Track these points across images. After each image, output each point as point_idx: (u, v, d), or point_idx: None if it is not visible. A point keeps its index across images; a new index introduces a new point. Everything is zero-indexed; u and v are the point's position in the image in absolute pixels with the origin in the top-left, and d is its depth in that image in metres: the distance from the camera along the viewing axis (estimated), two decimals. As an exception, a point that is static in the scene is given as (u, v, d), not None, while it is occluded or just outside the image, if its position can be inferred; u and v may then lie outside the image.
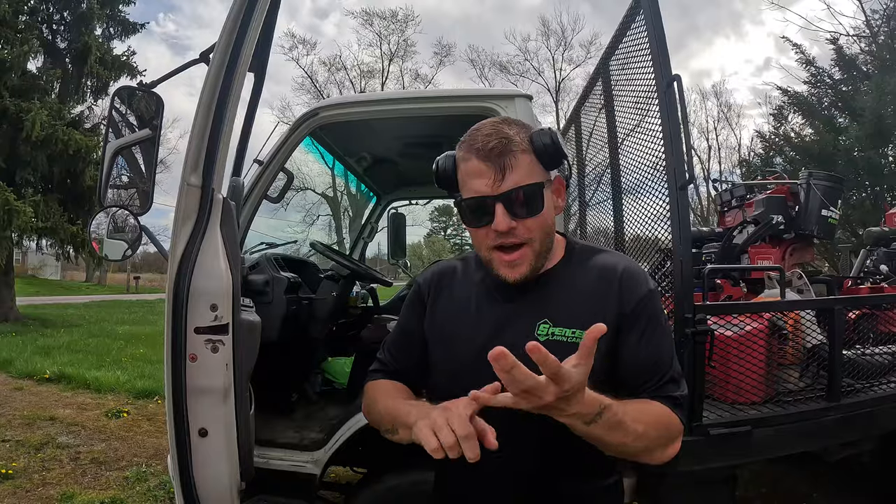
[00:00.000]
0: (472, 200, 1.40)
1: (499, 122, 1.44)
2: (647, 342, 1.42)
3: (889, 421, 3.23)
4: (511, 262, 1.41)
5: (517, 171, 1.36)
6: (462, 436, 1.11)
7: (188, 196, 2.19)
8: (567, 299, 1.45)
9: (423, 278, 1.68)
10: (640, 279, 1.46)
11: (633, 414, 1.27)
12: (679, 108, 2.55)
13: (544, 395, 1.09)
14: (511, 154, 1.36)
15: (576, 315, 1.41)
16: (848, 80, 18.16)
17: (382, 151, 4.41)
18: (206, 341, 2.18)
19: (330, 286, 3.69)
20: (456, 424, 1.12)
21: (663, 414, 1.36)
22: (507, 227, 1.36)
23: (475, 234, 1.45)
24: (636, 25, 3.02)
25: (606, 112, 3.74)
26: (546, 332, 1.41)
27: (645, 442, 1.30)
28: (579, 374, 1.09)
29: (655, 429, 1.33)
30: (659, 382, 1.41)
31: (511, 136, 1.38)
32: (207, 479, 2.27)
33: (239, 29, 2.19)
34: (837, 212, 5.05)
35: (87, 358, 10.55)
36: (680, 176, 2.53)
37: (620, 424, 1.23)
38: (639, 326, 1.42)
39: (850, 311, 3.45)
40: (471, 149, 1.39)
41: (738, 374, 2.84)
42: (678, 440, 1.40)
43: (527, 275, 1.42)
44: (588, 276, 1.48)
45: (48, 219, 14.99)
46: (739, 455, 2.74)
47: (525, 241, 1.40)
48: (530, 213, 1.39)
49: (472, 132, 1.43)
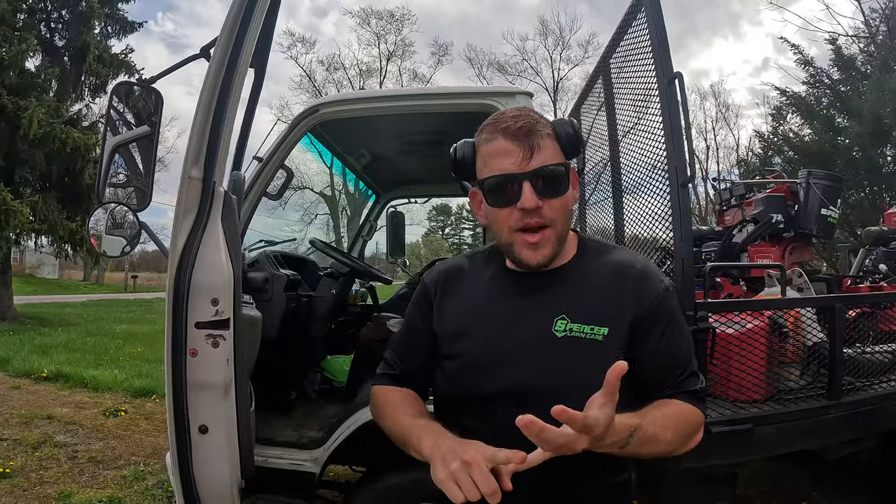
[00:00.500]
0: (498, 178, 1.39)
1: (519, 109, 1.44)
2: (667, 341, 1.43)
3: (890, 419, 3.23)
4: (534, 243, 1.39)
5: (544, 152, 1.37)
6: (488, 494, 1.13)
7: (189, 189, 2.15)
8: (583, 295, 1.44)
9: (430, 277, 1.66)
10: (655, 278, 1.46)
11: (661, 422, 1.30)
12: (680, 106, 2.55)
13: (577, 445, 1.10)
14: (538, 134, 1.37)
15: (593, 311, 1.41)
16: (846, 80, 18.20)
17: (382, 149, 4.41)
18: (206, 336, 2.15)
19: (329, 284, 3.68)
20: (480, 481, 1.14)
21: (687, 412, 1.39)
22: (534, 204, 1.35)
23: (497, 214, 1.42)
24: (637, 24, 3.02)
25: (607, 110, 3.74)
26: (564, 329, 1.40)
27: (675, 444, 1.34)
28: (606, 415, 1.09)
29: (684, 429, 1.36)
30: (680, 378, 1.42)
31: (537, 119, 1.40)
32: (208, 477, 2.24)
33: (240, 25, 2.17)
34: (837, 211, 5.06)
35: (85, 357, 10.54)
36: (681, 174, 2.53)
37: (652, 438, 1.26)
38: (659, 326, 1.42)
39: (850, 309, 3.45)
40: (496, 129, 1.40)
41: (740, 372, 2.84)
42: (701, 430, 1.43)
43: (549, 258, 1.41)
44: (602, 272, 1.47)
45: (46, 218, 14.99)
46: (741, 453, 2.75)
47: (549, 223, 1.39)
48: (556, 193, 1.39)
49: (496, 116, 1.44)
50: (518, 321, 1.45)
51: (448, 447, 1.24)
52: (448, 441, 1.28)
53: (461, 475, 1.16)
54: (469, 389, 1.44)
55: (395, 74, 40.69)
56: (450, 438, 1.31)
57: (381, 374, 1.69)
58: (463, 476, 1.16)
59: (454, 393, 1.50)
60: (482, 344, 1.45)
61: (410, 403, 1.56)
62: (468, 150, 1.48)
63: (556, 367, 1.36)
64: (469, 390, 1.44)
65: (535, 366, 1.38)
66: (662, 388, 1.42)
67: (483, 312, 1.50)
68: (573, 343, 1.38)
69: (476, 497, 1.14)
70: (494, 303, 1.50)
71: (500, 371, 1.41)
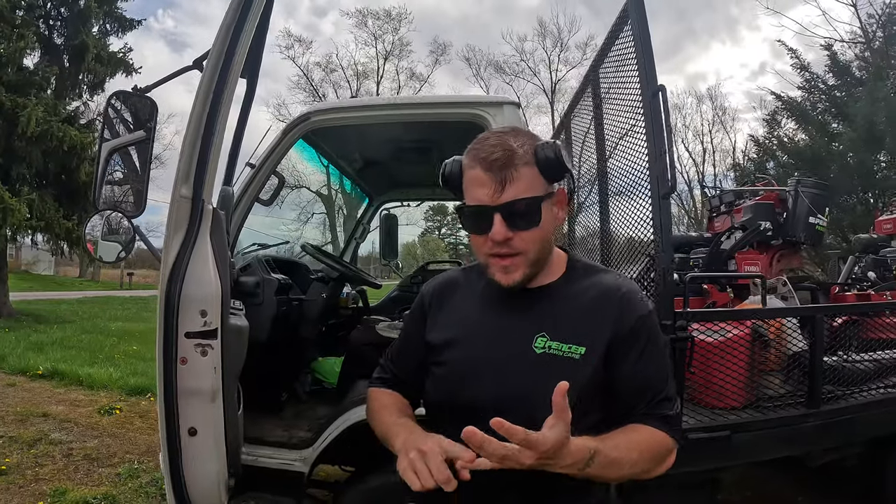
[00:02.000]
0: (473, 208, 1.45)
1: (505, 134, 1.47)
2: (644, 364, 1.46)
3: (871, 427, 3.28)
4: (505, 266, 1.45)
5: (517, 184, 1.40)
6: (441, 481, 1.20)
7: (179, 208, 2.32)
8: (565, 315, 1.48)
9: (427, 288, 1.72)
10: (638, 301, 1.50)
11: (626, 447, 1.34)
12: (663, 118, 2.59)
13: (522, 459, 1.15)
14: (513, 167, 1.40)
15: (573, 330, 1.45)
16: (842, 85, 18.25)
17: (374, 154, 4.46)
18: (195, 345, 2.30)
19: (319, 288, 3.74)
20: (434, 469, 1.22)
21: (654, 438, 1.42)
22: (503, 237, 1.40)
23: (474, 240, 1.49)
24: (624, 35, 3.04)
25: (595, 119, 3.78)
26: (543, 346, 1.44)
27: (639, 468, 1.37)
28: (555, 434, 1.16)
29: (649, 453, 1.39)
30: (653, 401, 1.45)
31: (514, 149, 1.41)
32: (197, 476, 2.38)
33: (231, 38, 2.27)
34: (825, 219, 5.11)
35: (80, 354, 10.53)
36: (663, 184, 2.56)
37: (614, 462, 1.30)
38: (637, 347, 1.46)
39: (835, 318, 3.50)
40: (476, 158, 1.43)
41: (719, 380, 2.88)
42: (671, 456, 1.46)
43: (520, 281, 1.46)
44: (588, 293, 1.51)
45: (43, 215, 14.98)
46: (718, 459, 2.79)
47: (520, 252, 1.44)
48: (527, 226, 1.42)
49: (478, 141, 1.47)
50: (502, 335, 1.50)
51: (412, 440, 1.32)
52: (414, 436, 1.36)
53: (418, 463, 1.24)
54: (453, 397, 1.50)
55: (392, 74, 40.78)
56: (417, 433, 1.39)
57: (376, 377, 1.76)
58: (420, 464, 1.24)
59: (440, 400, 1.55)
60: (466, 354, 1.51)
61: (396, 405, 1.62)
62: (455, 169, 1.52)
63: (533, 382, 1.40)
64: (453, 398, 1.50)
65: (513, 379, 1.43)
66: (635, 411, 1.45)
67: (471, 324, 1.56)
68: (550, 360, 1.42)
69: (431, 484, 1.21)
70: (482, 315, 1.56)
71: (481, 381, 1.46)
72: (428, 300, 1.68)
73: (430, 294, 1.69)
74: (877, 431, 3.38)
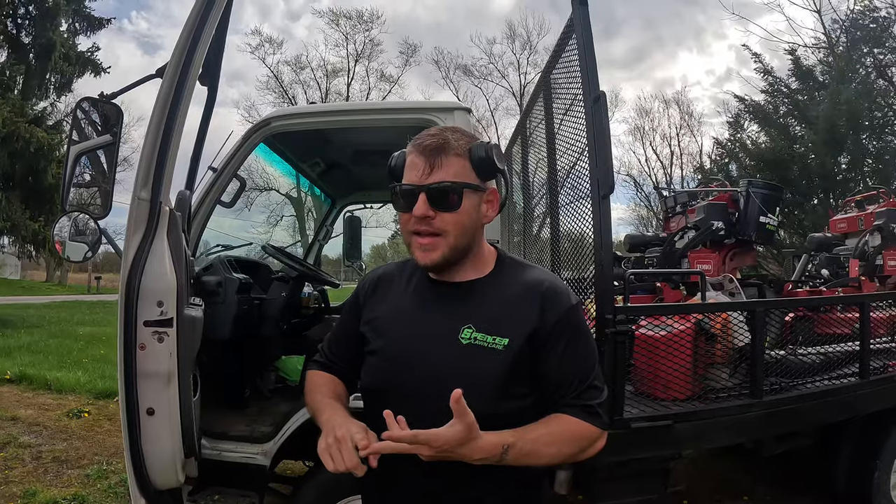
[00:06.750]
0: (403, 187, 1.56)
1: (447, 129, 1.58)
2: (569, 354, 1.54)
3: (815, 417, 3.44)
4: (425, 244, 1.54)
5: (445, 169, 1.50)
6: (350, 467, 1.36)
7: (139, 209, 2.52)
8: (492, 308, 1.56)
9: (363, 281, 1.82)
10: (562, 295, 1.58)
11: (544, 439, 1.46)
12: (604, 122, 2.72)
13: (420, 451, 1.34)
14: (444, 154, 1.50)
15: (497, 322, 1.53)
16: (804, 89, 18.68)
17: (334, 158, 4.57)
18: (153, 333, 2.53)
19: (280, 287, 3.84)
20: (345, 456, 1.37)
21: (576, 428, 1.52)
22: (423, 213, 1.50)
23: (402, 218, 1.59)
24: (571, 45, 3.14)
25: (546, 124, 3.90)
26: (469, 337, 1.53)
27: (561, 457, 1.52)
28: (450, 433, 1.33)
29: (569, 444, 1.51)
30: (578, 390, 1.53)
31: (449, 140, 1.52)
32: (155, 454, 2.59)
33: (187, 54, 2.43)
34: (776, 218, 5.25)
35: (48, 359, 10.47)
36: (603, 185, 2.67)
37: (531, 454, 1.44)
38: (562, 339, 1.53)
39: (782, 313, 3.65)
40: (413, 144, 1.55)
41: (663, 372, 3.00)
42: (598, 442, 1.56)
43: (439, 262, 1.55)
44: (514, 287, 1.59)
45: (9, 217, 14.80)
46: (661, 447, 2.91)
47: (439, 232, 1.52)
48: (448, 209, 1.51)
49: (421, 132, 1.58)
50: (431, 325, 1.59)
51: (331, 423, 1.46)
52: (335, 417, 1.50)
53: (333, 449, 1.39)
54: (383, 384, 1.60)
55: (361, 76, 40.70)
56: (338, 415, 1.53)
57: (313, 360, 1.87)
58: (334, 450, 1.39)
59: (372, 386, 1.65)
60: (397, 343, 1.61)
61: (328, 386, 1.74)
62: (399, 160, 1.63)
63: (457, 371, 1.49)
64: (383, 384, 1.60)
65: (440, 367, 1.52)
66: (562, 401, 1.53)
67: (403, 314, 1.65)
68: (475, 350, 1.52)
69: (342, 468, 1.36)
70: (414, 307, 1.66)
71: (409, 369, 1.56)
72: (363, 291, 1.78)
73: (365, 286, 1.78)
74: (821, 420, 3.55)
